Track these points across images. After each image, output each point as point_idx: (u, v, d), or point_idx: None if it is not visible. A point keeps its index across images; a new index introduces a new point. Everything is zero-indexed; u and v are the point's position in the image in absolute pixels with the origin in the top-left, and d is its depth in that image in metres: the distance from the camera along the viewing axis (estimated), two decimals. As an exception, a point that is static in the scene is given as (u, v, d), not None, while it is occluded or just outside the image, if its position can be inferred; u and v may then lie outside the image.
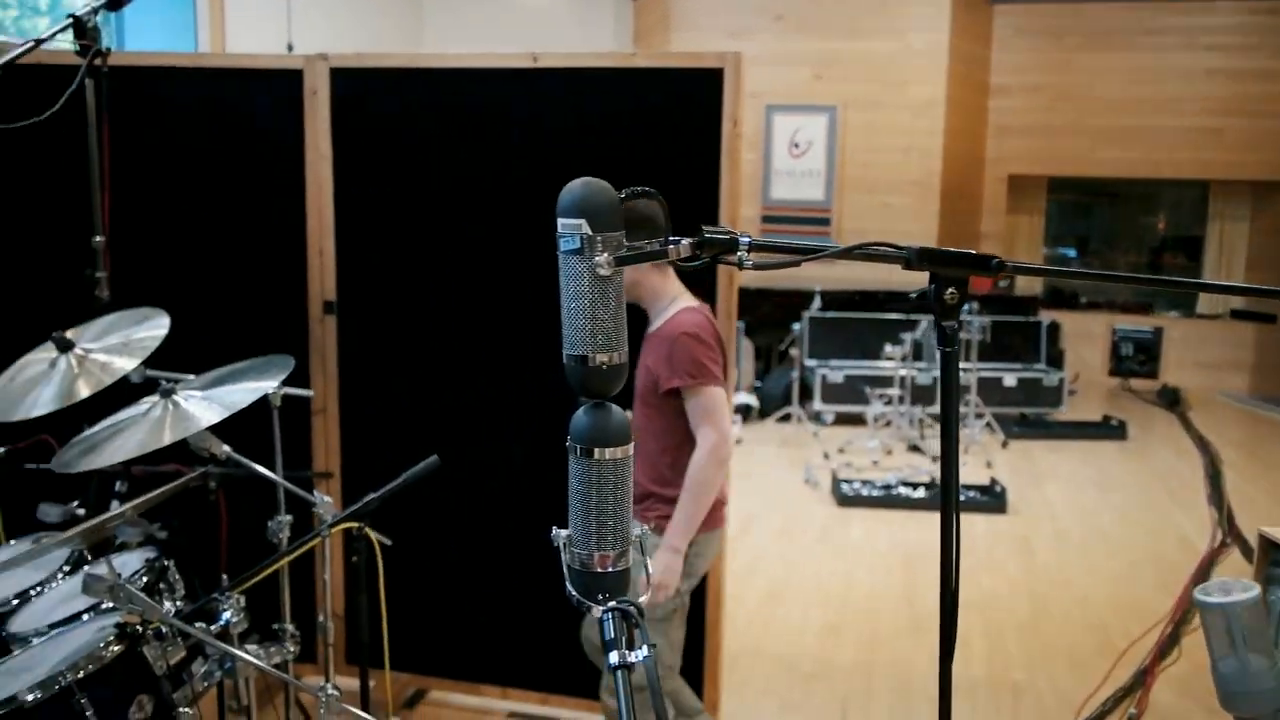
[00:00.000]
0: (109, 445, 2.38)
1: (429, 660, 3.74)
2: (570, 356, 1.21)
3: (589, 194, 1.19)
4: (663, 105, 3.30)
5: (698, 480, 2.71)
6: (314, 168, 3.54)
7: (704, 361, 2.72)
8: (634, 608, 1.16)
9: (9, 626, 2.48)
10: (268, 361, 2.60)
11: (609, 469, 1.21)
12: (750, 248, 1.24)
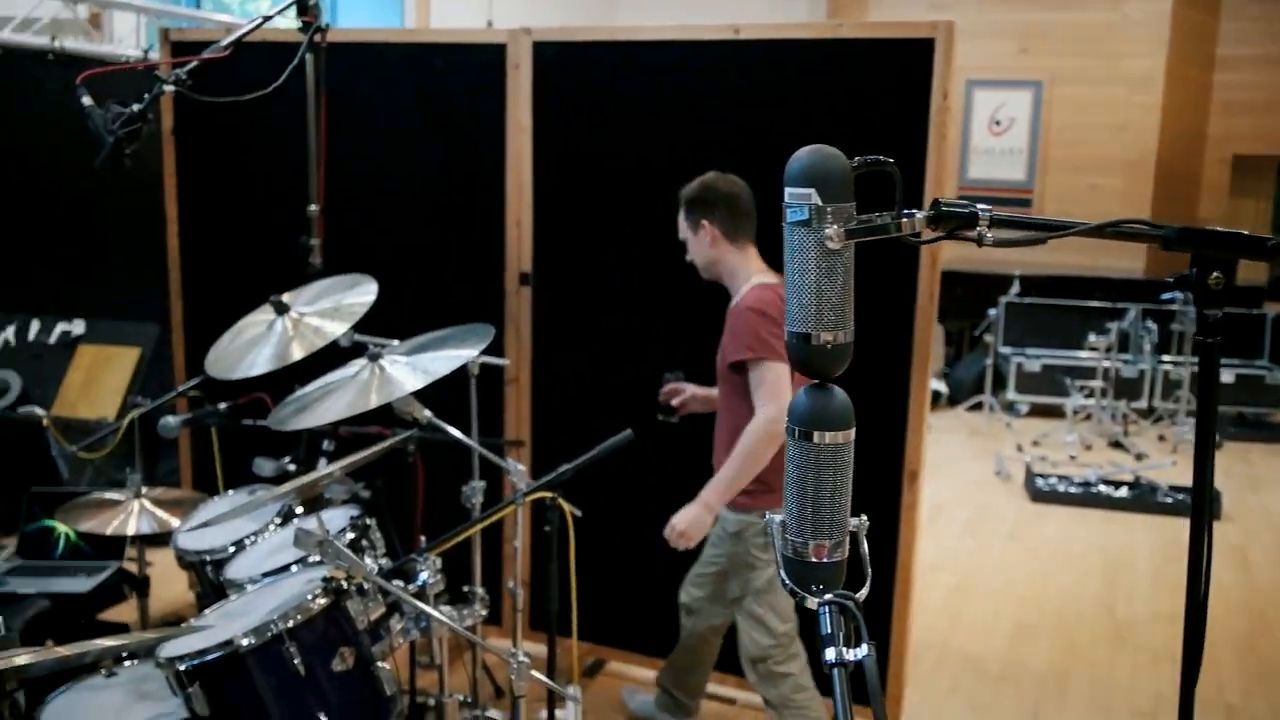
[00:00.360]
0: (320, 406, 2.47)
1: (610, 631, 3.76)
2: (792, 334, 1.15)
3: (819, 161, 1.12)
4: (867, 78, 3.18)
5: (748, 448, 2.73)
6: (514, 141, 3.58)
7: (765, 336, 2.72)
8: (853, 602, 1.09)
9: (226, 572, 2.63)
10: (469, 330, 2.64)
11: (828, 454, 1.15)
12: (991, 222, 1.14)
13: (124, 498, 3.01)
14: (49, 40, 4.76)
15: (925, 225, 1.15)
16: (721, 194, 2.89)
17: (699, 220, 2.90)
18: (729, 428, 2.89)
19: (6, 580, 3.24)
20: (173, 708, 2.36)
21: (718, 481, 2.79)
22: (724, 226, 2.87)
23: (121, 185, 4.51)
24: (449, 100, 3.68)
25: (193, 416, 3.10)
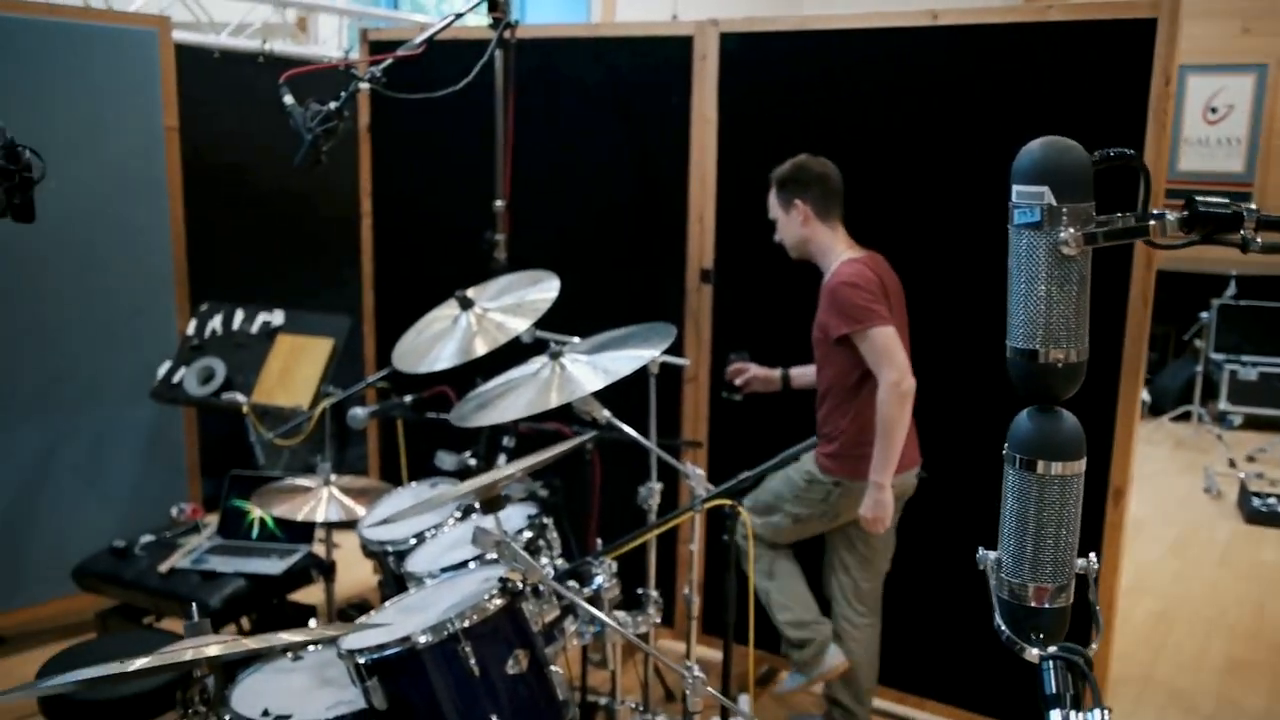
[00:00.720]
0: (501, 403, 2.46)
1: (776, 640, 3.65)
2: (1015, 350, 1.02)
3: (1054, 155, 0.99)
4: (1076, 63, 2.95)
5: (886, 416, 2.79)
6: (699, 133, 3.51)
7: (863, 305, 2.82)
8: (1082, 657, 0.96)
9: (407, 564, 2.66)
10: (650, 329, 2.58)
11: (1054, 486, 1.02)
12: (1259, 225, 0.98)
13: (315, 485, 3.10)
14: (260, 43, 4.99)
15: (1178, 229, 1.00)
16: (814, 174, 2.98)
17: (791, 199, 2.99)
18: (834, 397, 2.99)
19: (207, 558, 3.40)
20: (353, 695, 2.40)
21: (876, 461, 2.84)
22: (816, 206, 2.97)
23: (322, 182, 4.71)
24: (633, 94, 3.63)
25: (379, 408, 3.16)
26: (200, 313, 3.84)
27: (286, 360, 3.58)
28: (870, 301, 2.83)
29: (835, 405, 2.99)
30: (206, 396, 3.55)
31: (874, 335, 2.81)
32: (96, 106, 3.83)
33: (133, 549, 3.50)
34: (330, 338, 3.56)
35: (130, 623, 3.53)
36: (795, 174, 2.99)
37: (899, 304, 2.98)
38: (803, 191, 2.97)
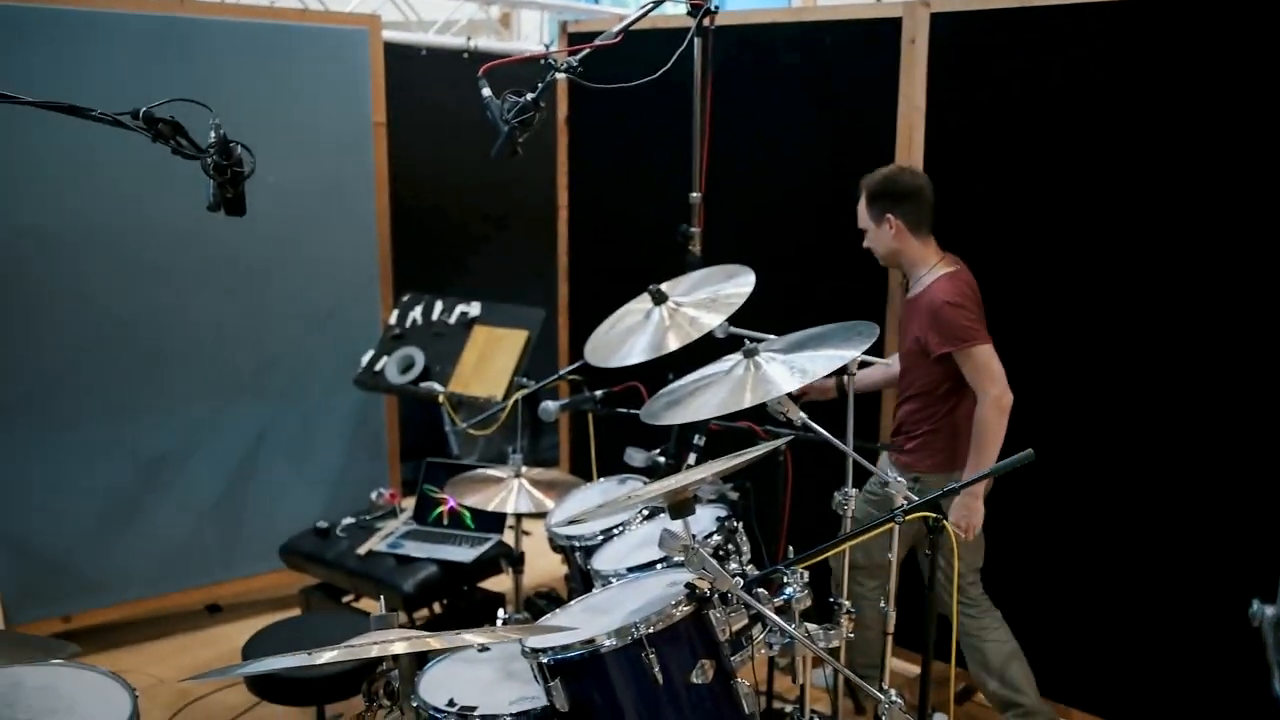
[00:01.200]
0: (693, 401, 2.38)
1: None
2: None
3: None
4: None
5: (986, 430, 2.84)
6: (905, 120, 3.32)
7: (967, 324, 2.87)
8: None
9: (593, 561, 2.62)
10: (850, 328, 2.44)
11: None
12: None
13: (506, 476, 3.11)
14: (465, 40, 5.10)
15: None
16: (908, 188, 2.98)
17: (884, 214, 2.99)
18: (919, 402, 3.04)
19: (402, 543, 3.48)
20: (537, 691, 2.38)
21: (971, 473, 2.88)
22: (909, 220, 2.97)
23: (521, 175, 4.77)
24: (836, 80, 3.48)
25: (570, 402, 3.14)
26: (402, 303, 3.95)
27: (482, 351, 3.62)
28: (973, 321, 2.88)
29: (919, 409, 3.04)
30: (405, 385, 3.64)
31: (976, 354, 2.85)
32: (308, 103, 3.99)
33: (334, 530, 3.63)
34: (525, 329, 3.59)
35: (331, 600, 3.67)
36: (888, 187, 2.99)
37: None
38: (895, 206, 2.97)
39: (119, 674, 2.28)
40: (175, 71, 3.71)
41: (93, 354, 3.71)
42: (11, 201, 3.52)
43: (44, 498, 3.70)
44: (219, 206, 2.09)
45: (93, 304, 3.69)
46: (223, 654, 3.81)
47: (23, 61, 3.47)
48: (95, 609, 3.88)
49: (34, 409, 3.64)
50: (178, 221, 3.76)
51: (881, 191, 2.99)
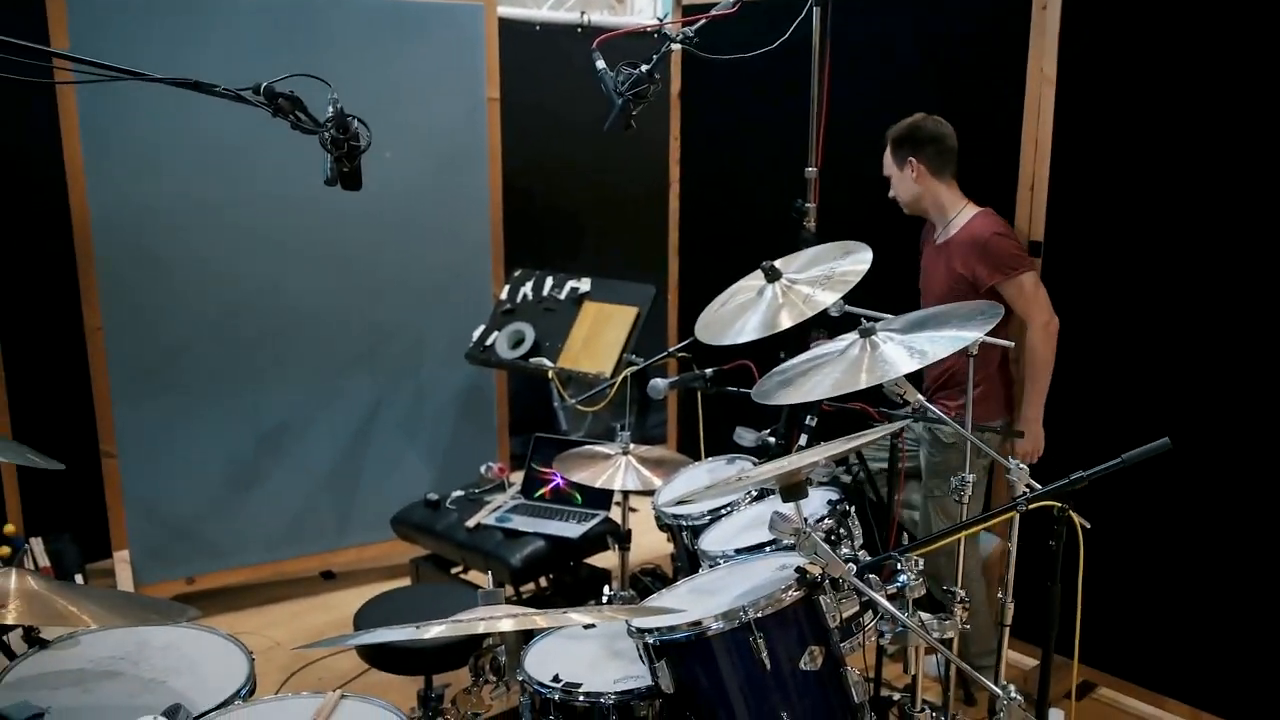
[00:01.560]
0: (806, 381, 2.31)
1: (1105, 654, 3.29)
2: None
3: None
4: None
5: (1040, 357, 3.00)
6: (1034, 91, 3.17)
7: (1016, 253, 3.01)
8: None
9: (701, 542, 2.59)
10: (974, 307, 2.34)
11: None
12: None
13: (614, 453, 3.09)
14: (579, 15, 5.09)
15: None
16: (929, 133, 3.12)
17: (906, 157, 3.13)
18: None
19: (510, 517, 3.51)
20: (641, 671, 2.36)
21: (1031, 398, 3.06)
22: (932, 163, 3.12)
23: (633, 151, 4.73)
24: (960, 49, 3.35)
25: (679, 380, 3.11)
26: (514, 278, 3.96)
27: (592, 327, 3.61)
28: (1020, 250, 3.03)
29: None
30: (515, 360, 3.66)
31: (1025, 280, 2.97)
32: (423, 79, 4.02)
33: (444, 502, 3.68)
34: (635, 306, 3.56)
35: (439, 571, 3.72)
36: (911, 133, 3.13)
37: None
38: (918, 150, 3.11)
39: (237, 636, 2.35)
40: (294, 48, 3.78)
41: (216, 328, 3.83)
42: (139, 180, 3.65)
43: (171, 465, 3.84)
44: (336, 181, 2.10)
45: (215, 279, 3.80)
46: (336, 620, 3.91)
47: (147, 40, 3.58)
48: (216, 572, 4.02)
49: (162, 381, 3.78)
50: (297, 198, 3.84)
51: (905, 137, 3.13)
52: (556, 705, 2.30)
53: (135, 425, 3.76)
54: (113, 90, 3.44)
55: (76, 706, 2.07)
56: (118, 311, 3.67)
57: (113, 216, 3.61)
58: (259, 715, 2.09)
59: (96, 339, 3.67)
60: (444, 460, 4.29)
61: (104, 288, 3.65)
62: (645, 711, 2.29)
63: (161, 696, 2.15)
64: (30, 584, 1.69)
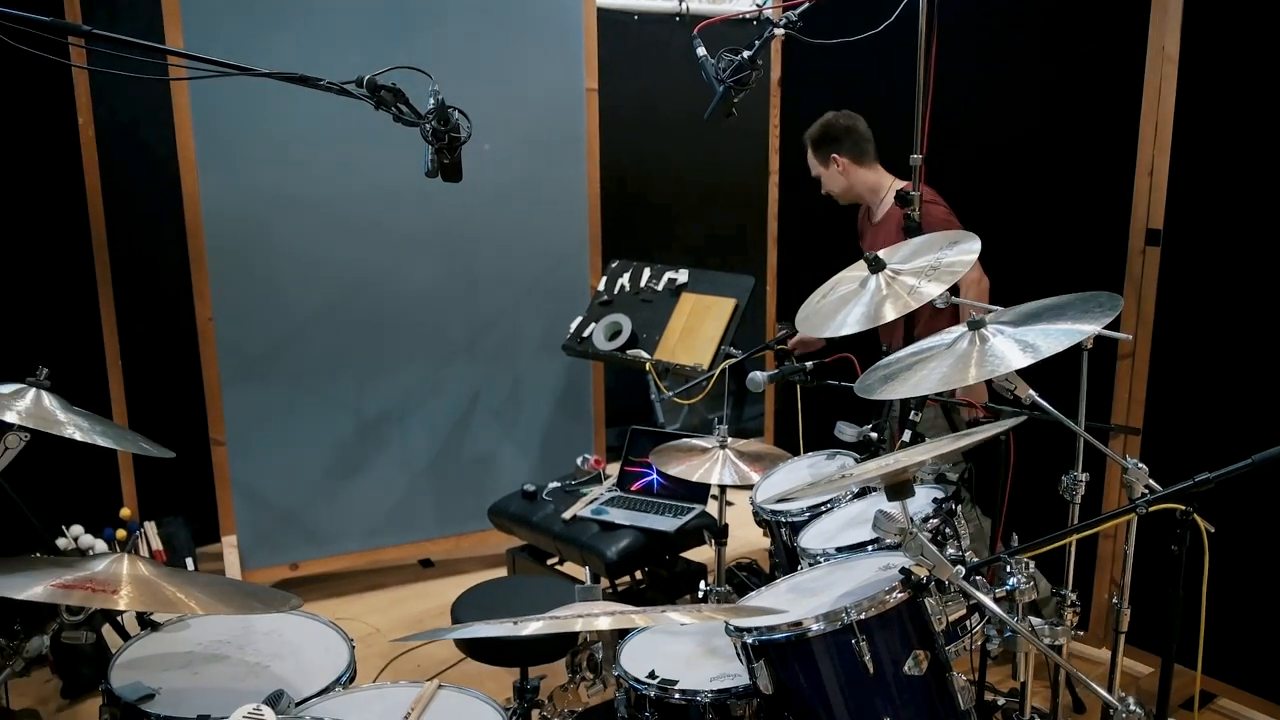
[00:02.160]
0: (911, 375, 2.24)
1: (1226, 664, 3.13)
2: None
3: None
4: None
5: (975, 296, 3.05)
6: (1154, 73, 3.03)
7: (946, 218, 3.13)
8: None
9: (800, 539, 2.53)
10: (1090, 299, 2.23)
11: None
12: None
13: (711, 446, 3.05)
14: (677, 4, 5.05)
15: None
16: (843, 128, 3.33)
17: (829, 156, 3.35)
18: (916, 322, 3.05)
19: (606, 510, 3.50)
20: (738, 669, 2.33)
21: None
22: (852, 154, 3.33)
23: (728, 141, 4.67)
24: (1074, 29, 3.21)
25: (779, 372, 3.05)
26: (610, 269, 3.95)
27: (690, 319, 3.57)
28: (949, 213, 3.14)
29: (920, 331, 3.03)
30: (612, 351, 3.64)
31: None
32: (522, 70, 4.03)
33: (540, 493, 3.69)
34: (734, 298, 3.51)
35: (535, 562, 3.73)
36: (826, 132, 3.34)
37: None
38: (837, 146, 3.32)
39: (338, 623, 2.38)
40: (394, 41, 3.82)
41: (321, 319, 3.90)
42: (248, 174, 3.73)
43: (278, 452, 3.93)
44: (436, 173, 2.11)
45: (320, 271, 3.88)
46: (434, 608, 3.96)
47: (254, 34, 3.65)
48: (319, 558, 4.10)
49: (269, 370, 3.87)
50: (399, 190, 3.89)
51: (822, 137, 3.34)
52: (652, 702, 2.28)
53: (243, 413, 3.85)
54: (223, 85, 3.54)
55: (184, 689, 2.12)
56: (228, 303, 3.77)
57: (223, 210, 3.71)
58: (358, 704, 2.12)
59: (207, 330, 3.78)
60: (540, 451, 4.30)
61: (215, 280, 3.75)
62: (742, 711, 2.25)
63: (265, 681, 2.19)
64: (141, 570, 1.73)
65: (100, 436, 2.09)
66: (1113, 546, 3.31)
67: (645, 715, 2.29)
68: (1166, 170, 3.05)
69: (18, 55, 3.28)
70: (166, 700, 2.05)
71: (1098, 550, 3.35)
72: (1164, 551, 2.09)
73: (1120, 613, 2.39)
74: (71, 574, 1.69)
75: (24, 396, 2.06)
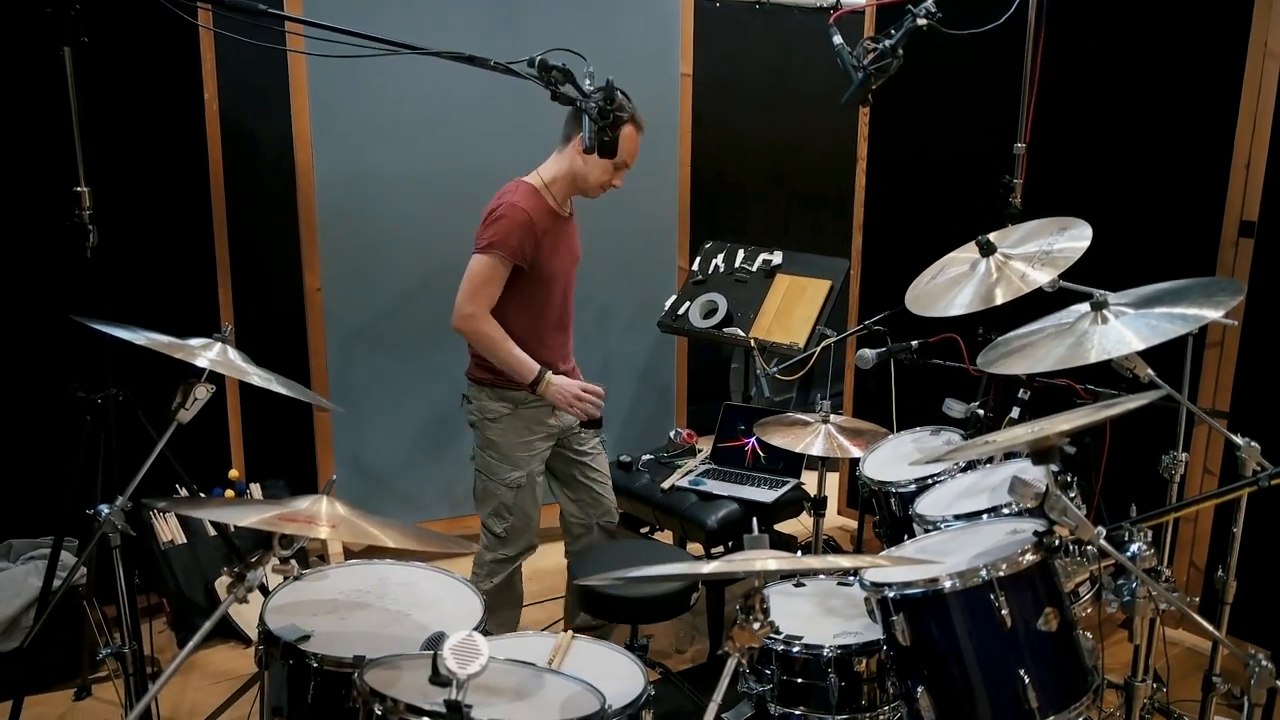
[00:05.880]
0: (1032, 351, 2.34)
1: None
2: None
3: None
4: None
5: None
6: (1255, 67, 3.11)
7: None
8: None
9: (916, 507, 2.64)
10: (1211, 284, 2.33)
11: None
12: None
13: (813, 421, 3.17)
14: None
15: None
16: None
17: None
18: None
19: (703, 480, 3.62)
20: (858, 628, 2.45)
21: None
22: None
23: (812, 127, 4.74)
24: (1178, 20, 3.28)
25: (887, 350, 3.16)
26: (704, 250, 4.06)
27: (785, 299, 3.68)
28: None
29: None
30: (709, 329, 3.75)
31: None
32: (618, 54, 4.13)
33: (635, 464, 3.81)
34: (828, 279, 3.62)
35: (629, 530, 3.86)
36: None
37: None
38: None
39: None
40: (500, 20, 3.93)
41: (422, 291, 4.04)
42: (360, 149, 3.87)
43: (377, 417, 4.07)
44: (594, 149, 2.23)
45: (423, 245, 4.01)
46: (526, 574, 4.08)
47: (369, 7, 3.77)
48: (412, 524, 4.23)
49: (372, 339, 4.01)
50: (497, 168, 3.99)
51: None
52: (778, 656, 2.41)
53: (346, 381, 4.00)
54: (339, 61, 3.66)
55: (336, 632, 2.24)
56: (335, 273, 3.91)
57: (334, 183, 3.84)
58: (507, 647, 2.25)
59: (315, 299, 3.92)
60: (624, 425, 4.42)
61: (324, 251, 3.88)
62: (861, 666, 2.38)
63: (408, 628, 2.31)
64: (339, 510, 1.87)
65: (281, 386, 2.23)
66: (1194, 530, 3.41)
67: (769, 670, 2.43)
68: (1264, 164, 3.13)
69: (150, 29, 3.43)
70: (321, 641, 2.16)
71: (1179, 534, 3.45)
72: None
73: (1226, 582, 2.49)
74: (285, 509, 1.83)
75: (211, 349, 2.20)
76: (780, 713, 2.41)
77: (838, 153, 4.52)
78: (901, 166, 4.14)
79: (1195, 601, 2.66)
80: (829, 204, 4.78)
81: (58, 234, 2.71)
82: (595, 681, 1.98)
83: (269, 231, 4.04)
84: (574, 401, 3.17)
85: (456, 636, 1.62)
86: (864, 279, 4.31)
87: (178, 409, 2.14)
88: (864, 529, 3.61)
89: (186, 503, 2.31)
